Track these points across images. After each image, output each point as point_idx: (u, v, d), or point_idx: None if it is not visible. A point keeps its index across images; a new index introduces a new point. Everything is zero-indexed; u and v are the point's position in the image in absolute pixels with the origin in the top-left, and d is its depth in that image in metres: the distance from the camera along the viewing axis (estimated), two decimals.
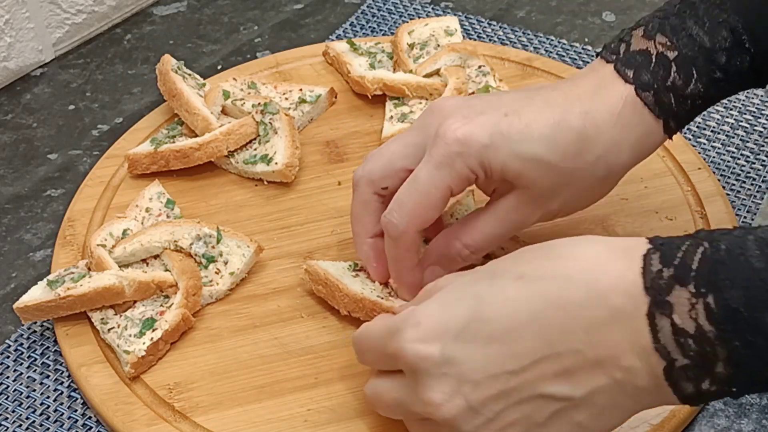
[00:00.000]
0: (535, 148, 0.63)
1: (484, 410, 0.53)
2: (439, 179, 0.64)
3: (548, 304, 0.52)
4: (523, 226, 0.67)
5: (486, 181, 0.65)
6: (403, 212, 0.65)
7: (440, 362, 0.53)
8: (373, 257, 0.70)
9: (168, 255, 0.73)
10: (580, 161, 0.64)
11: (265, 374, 0.68)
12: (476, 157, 0.63)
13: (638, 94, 0.64)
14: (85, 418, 0.68)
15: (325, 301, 0.72)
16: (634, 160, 0.66)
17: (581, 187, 0.65)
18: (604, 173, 0.65)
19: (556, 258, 0.54)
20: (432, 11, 1.04)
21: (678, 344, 0.50)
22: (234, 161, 0.83)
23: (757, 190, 0.82)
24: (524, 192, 0.65)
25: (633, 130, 0.64)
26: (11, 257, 0.79)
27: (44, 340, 0.73)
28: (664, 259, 0.51)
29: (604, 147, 0.64)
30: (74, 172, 0.87)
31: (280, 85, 0.90)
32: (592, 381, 0.52)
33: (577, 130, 0.63)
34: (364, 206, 0.69)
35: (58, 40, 0.99)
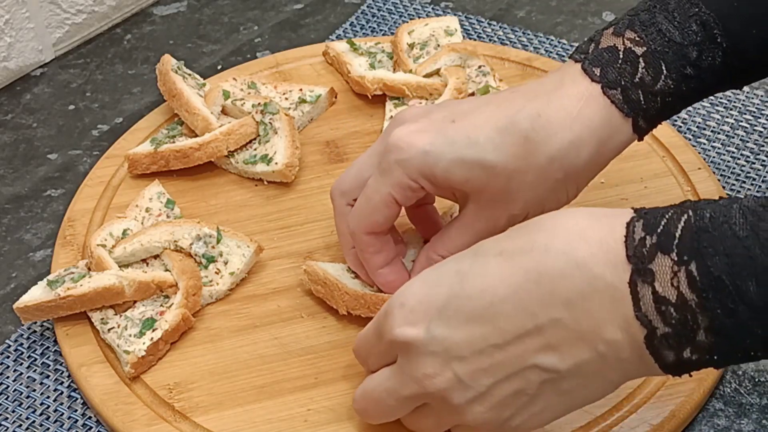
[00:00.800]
0: (480, 153, 0.62)
1: (474, 384, 0.54)
2: (381, 185, 0.65)
3: (527, 277, 0.52)
4: (492, 231, 0.64)
5: (435, 189, 0.65)
6: (353, 215, 0.67)
7: (426, 341, 0.54)
8: (359, 265, 0.71)
9: (168, 255, 0.73)
10: (529, 163, 0.62)
11: (265, 374, 0.68)
12: (416, 164, 0.63)
13: (605, 93, 0.63)
14: (85, 418, 0.68)
15: (325, 302, 0.71)
16: (599, 160, 0.64)
17: (540, 189, 0.63)
18: (561, 175, 0.63)
19: (536, 231, 0.54)
20: (432, 11, 1.04)
21: (659, 312, 0.49)
22: (234, 161, 0.83)
23: (757, 190, 0.82)
24: (479, 198, 0.64)
25: (595, 130, 0.63)
26: (11, 257, 0.79)
27: (44, 340, 0.73)
28: (647, 227, 0.51)
29: (558, 148, 0.62)
30: (74, 172, 0.87)
31: (280, 85, 0.90)
32: (577, 354, 0.52)
33: (524, 131, 0.62)
34: (341, 218, 0.70)
35: (58, 40, 0.99)
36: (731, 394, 0.67)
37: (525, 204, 0.64)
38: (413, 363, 0.55)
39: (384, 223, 0.67)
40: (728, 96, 0.91)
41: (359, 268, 0.71)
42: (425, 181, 0.64)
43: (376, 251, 0.68)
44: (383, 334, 0.57)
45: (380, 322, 0.58)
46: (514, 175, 0.62)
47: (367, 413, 0.61)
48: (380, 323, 0.58)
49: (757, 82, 0.91)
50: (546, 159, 0.62)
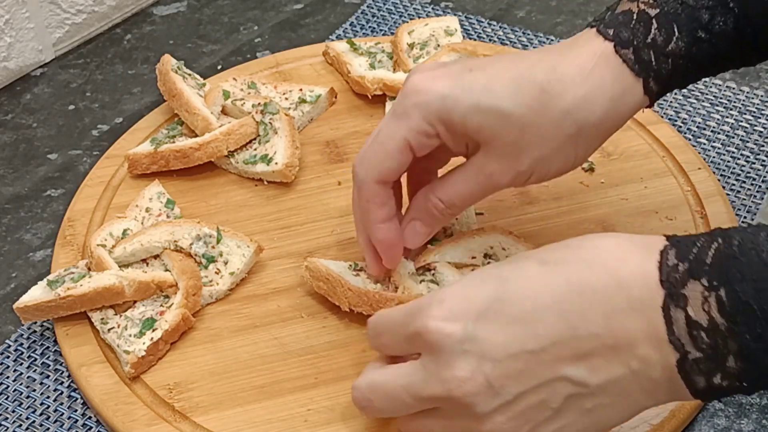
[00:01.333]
0: (496, 101, 0.62)
1: (503, 391, 0.53)
2: (395, 130, 0.64)
3: (570, 289, 0.53)
4: (494, 186, 0.66)
5: (450, 137, 0.64)
6: (364, 161, 0.66)
7: (462, 339, 0.53)
8: (371, 248, 0.70)
9: (168, 255, 0.73)
10: (544, 115, 0.62)
11: (265, 374, 0.68)
12: (434, 108, 0.63)
13: (617, 51, 0.63)
14: (85, 418, 0.68)
15: (326, 302, 0.71)
16: (611, 120, 0.64)
17: (550, 145, 0.63)
18: (573, 130, 0.63)
19: (578, 247, 0.54)
20: (432, 11, 1.04)
21: (691, 337, 0.50)
22: (234, 161, 0.83)
23: (757, 190, 0.82)
24: (490, 148, 0.64)
25: (608, 88, 0.63)
26: (11, 257, 0.79)
27: (44, 340, 0.73)
28: (680, 254, 0.52)
29: (572, 102, 0.62)
30: (74, 172, 0.87)
31: (280, 85, 0.90)
32: (609, 370, 0.52)
33: (540, 83, 0.62)
34: None
35: (58, 40, 0.99)
36: None
37: (533, 161, 0.64)
38: (443, 362, 0.54)
39: (396, 171, 0.66)
40: (728, 96, 0.91)
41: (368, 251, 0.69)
42: (441, 127, 0.64)
43: (382, 203, 0.67)
44: (413, 323, 0.56)
45: (412, 312, 0.57)
46: (528, 127, 0.62)
47: (371, 406, 0.59)
48: (412, 312, 0.56)
49: (757, 82, 0.91)
50: (559, 112, 0.62)
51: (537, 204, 0.80)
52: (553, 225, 0.78)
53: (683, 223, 0.77)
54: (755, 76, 0.94)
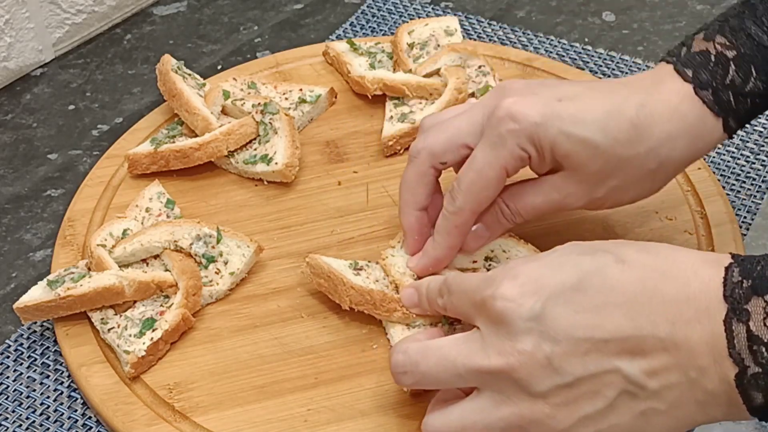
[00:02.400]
0: (587, 132, 0.64)
1: (562, 371, 0.54)
2: (494, 158, 0.65)
3: (644, 292, 0.54)
4: (564, 206, 0.67)
5: (539, 161, 0.66)
6: (461, 190, 0.67)
7: (530, 316, 0.54)
8: (417, 229, 0.70)
9: (168, 255, 0.73)
10: (631, 150, 0.64)
11: (265, 374, 0.68)
12: (527, 134, 0.64)
13: (697, 93, 0.65)
14: (85, 418, 0.68)
15: (326, 301, 0.71)
16: (690, 156, 0.66)
17: (630, 177, 0.65)
18: (655, 165, 0.65)
19: (656, 254, 0.56)
20: (432, 11, 1.04)
21: (751, 351, 0.51)
22: (234, 161, 0.83)
23: (757, 190, 0.82)
24: (572, 173, 0.66)
25: (690, 126, 0.65)
26: (11, 257, 0.79)
27: (44, 340, 0.73)
28: (743, 271, 0.53)
29: (658, 139, 0.64)
30: (74, 172, 0.87)
31: (280, 85, 0.90)
32: (667, 375, 0.53)
33: (631, 119, 0.64)
34: (420, 177, 0.69)
35: (58, 40, 0.99)
36: None
37: (610, 190, 0.66)
38: (505, 334, 0.55)
39: (492, 198, 0.67)
40: None
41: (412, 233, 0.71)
42: (533, 151, 0.65)
43: (467, 232, 0.69)
44: (484, 290, 0.57)
45: (486, 280, 0.57)
46: (613, 159, 0.64)
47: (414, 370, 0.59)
48: (486, 281, 0.57)
49: None
50: (646, 148, 0.64)
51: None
52: (553, 225, 0.78)
53: (683, 223, 0.77)
54: None
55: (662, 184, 0.68)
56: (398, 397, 0.66)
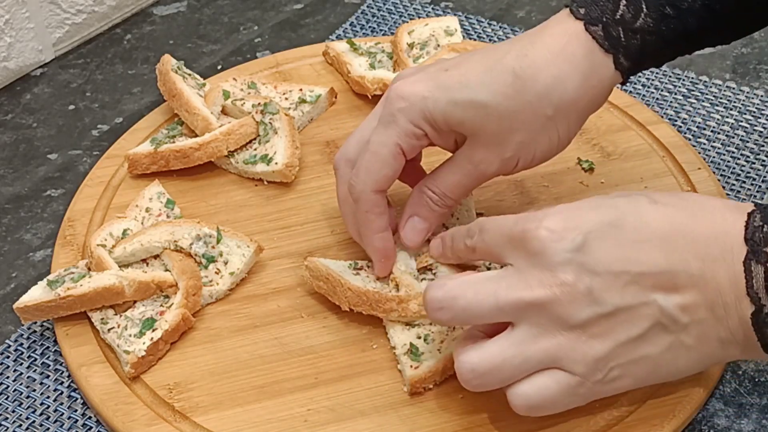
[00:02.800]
0: (472, 94, 0.65)
1: (601, 302, 0.56)
2: (386, 137, 0.67)
3: (676, 230, 0.56)
4: (483, 175, 0.68)
5: (439, 137, 0.67)
6: (360, 173, 0.68)
7: (571, 248, 0.56)
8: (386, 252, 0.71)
9: (168, 255, 0.73)
10: (519, 100, 0.65)
11: (265, 374, 0.68)
12: (418, 110, 0.66)
13: (587, 29, 0.65)
14: (85, 418, 0.68)
15: (326, 301, 0.71)
16: (586, 97, 0.66)
17: (530, 128, 0.66)
18: (551, 111, 0.65)
19: (685, 199, 0.59)
20: (432, 11, 1.04)
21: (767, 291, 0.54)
22: (234, 161, 0.83)
23: (757, 190, 0.82)
24: (474, 139, 0.67)
25: (579, 65, 0.65)
26: (11, 257, 0.79)
27: (44, 340, 0.73)
28: (764, 218, 0.56)
29: (545, 84, 0.64)
30: (74, 172, 0.87)
31: (280, 85, 0.90)
32: (696, 311, 0.56)
33: (512, 69, 0.65)
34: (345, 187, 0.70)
35: (58, 40, 0.99)
36: (731, 394, 0.67)
37: (517, 146, 0.66)
38: (545, 266, 0.56)
39: (392, 178, 0.68)
40: (728, 96, 0.91)
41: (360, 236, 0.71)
42: (427, 126, 0.66)
43: (380, 212, 0.69)
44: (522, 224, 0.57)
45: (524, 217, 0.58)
46: (506, 114, 0.65)
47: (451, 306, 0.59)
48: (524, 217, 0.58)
49: (757, 82, 0.91)
50: (534, 95, 0.65)
51: (537, 204, 0.80)
52: None
53: None
54: (755, 76, 0.94)
55: (568, 134, 0.68)
56: (398, 397, 0.66)
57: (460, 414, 0.65)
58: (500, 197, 0.80)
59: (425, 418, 0.65)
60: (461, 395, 0.66)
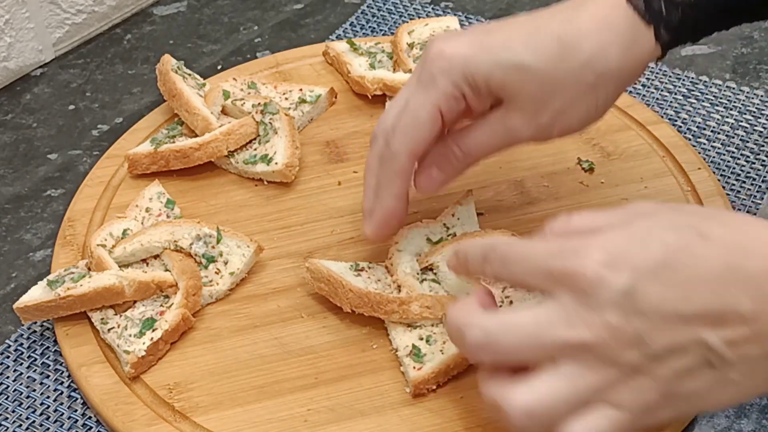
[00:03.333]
0: (516, 56, 0.64)
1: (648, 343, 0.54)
2: (425, 98, 0.66)
3: (729, 269, 0.54)
4: (512, 139, 0.67)
5: (476, 99, 0.66)
6: (396, 134, 0.67)
7: (622, 291, 0.54)
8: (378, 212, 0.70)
9: (168, 255, 0.73)
10: (563, 67, 0.64)
11: (265, 374, 0.68)
12: (459, 71, 0.65)
13: (629, 1, 0.65)
14: (85, 418, 0.68)
15: (326, 301, 0.71)
16: (626, 69, 0.66)
17: (569, 96, 0.65)
18: (592, 79, 0.65)
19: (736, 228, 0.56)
20: (432, 11, 1.04)
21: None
22: (234, 161, 0.83)
23: (757, 190, 0.82)
24: (513, 103, 0.66)
25: (621, 34, 0.65)
26: (11, 257, 0.79)
27: (44, 340, 0.73)
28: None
29: (589, 52, 0.64)
30: (74, 172, 0.87)
31: (280, 85, 0.90)
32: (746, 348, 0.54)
33: (557, 35, 0.64)
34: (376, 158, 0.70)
35: (58, 40, 0.99)
36: None
37: (553, 113, 0.66)
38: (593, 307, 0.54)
39: (427, 141, 0.67)
40: (728, 96, 0.91)
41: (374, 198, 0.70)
42: (467, 88, 0.65)
43: (406, 178, 0.68)
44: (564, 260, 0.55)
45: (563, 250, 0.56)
46: (548, 79, 0.64)
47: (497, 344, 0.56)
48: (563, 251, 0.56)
49: (757, 82, 0.91)
50: (578, 62, 0.64)
51: (537, 204, 0.80)
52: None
53: None
54: (755, 76, 0.94)
55: (605, 104, 0.67)
56: (398, 397, 0.66)
57: (460, 414, 0.65)
58: (500, 197, 0.80)
59: (425, 418, 0.65)
60: (461, 395, 0.66)
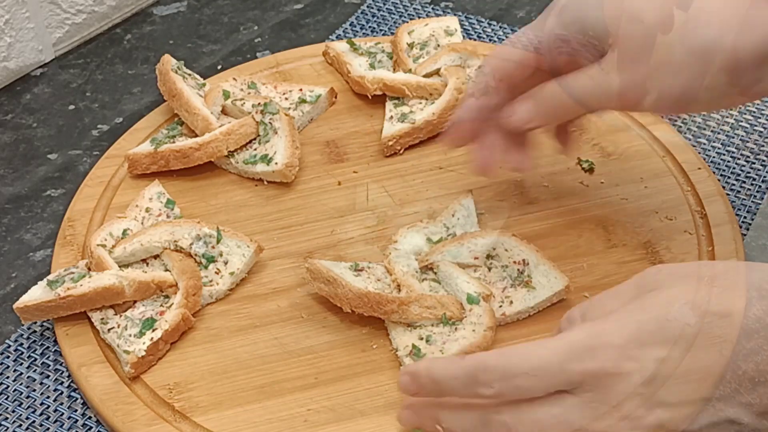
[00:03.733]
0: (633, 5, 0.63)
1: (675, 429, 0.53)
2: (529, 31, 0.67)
3: None
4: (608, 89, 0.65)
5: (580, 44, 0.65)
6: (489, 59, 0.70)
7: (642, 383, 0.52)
8: None
9: (168, 255, 0.73)
10: (673, 25, 0.62)
11: (265, 374, 0.68)
12: (571, 11, 0.65)
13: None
14: (85, 418, 0.68)
15: (326, 301, 0.71)
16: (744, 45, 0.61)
17: (673, 58, 0.63)
18: (699, 47, 0.62)
19: None
20: (432, 11, 1.04)
21: None
22: (234, 161, 0.83)
23: (757, 190, 0.82)
24: (616, 52, 0.64)
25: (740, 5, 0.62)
26: (11, 257, 0.79)
27: (44, 340, 0.73)
28: None
29: (706, 20, 0.62)
30: (74, 172, 0.87)
31: (280, 85, 0.90)
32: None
33: None
34: None
35: (58, 40, 0.99)
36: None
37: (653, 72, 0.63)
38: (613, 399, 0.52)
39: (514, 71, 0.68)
40: None
41: None
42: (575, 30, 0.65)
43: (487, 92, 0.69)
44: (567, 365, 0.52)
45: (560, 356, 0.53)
46: (656, 34, 0.63)
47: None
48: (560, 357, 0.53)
49: None
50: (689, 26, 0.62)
51: (537, 204, 0.80)
52: (553, 225, 0.78)
53: (683, 223, 0.77)
54: None
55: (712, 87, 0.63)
56: (398, 397, 0.66)
57: None
58: (500, 197, 0.80)
59: None
60: None
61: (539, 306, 0.71)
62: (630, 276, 0.67)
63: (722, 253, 0.74)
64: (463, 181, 0.81)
